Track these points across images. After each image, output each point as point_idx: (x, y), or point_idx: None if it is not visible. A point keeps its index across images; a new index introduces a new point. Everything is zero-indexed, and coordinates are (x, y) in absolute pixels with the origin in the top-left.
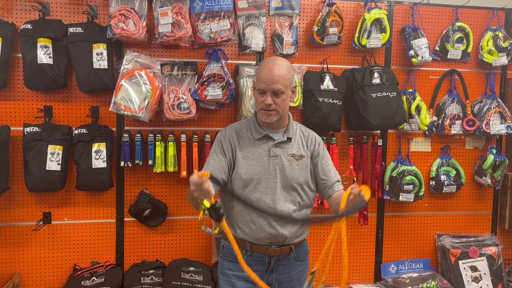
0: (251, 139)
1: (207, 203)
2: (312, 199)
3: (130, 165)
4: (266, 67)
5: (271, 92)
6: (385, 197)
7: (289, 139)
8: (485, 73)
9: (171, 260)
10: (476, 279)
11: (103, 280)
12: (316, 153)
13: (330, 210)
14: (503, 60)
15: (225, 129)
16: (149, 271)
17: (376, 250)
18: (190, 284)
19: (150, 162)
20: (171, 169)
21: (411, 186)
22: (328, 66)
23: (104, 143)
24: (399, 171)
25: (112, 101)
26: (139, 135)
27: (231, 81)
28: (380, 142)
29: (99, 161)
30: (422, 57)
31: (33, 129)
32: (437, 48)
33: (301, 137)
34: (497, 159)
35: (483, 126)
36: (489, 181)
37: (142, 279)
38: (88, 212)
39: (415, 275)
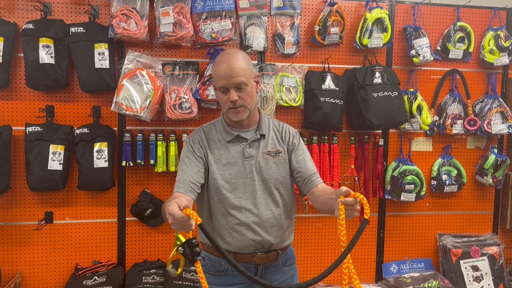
0: (222, 142)
1: (182, 238)
2: (294, 195)
3: (131, 164)
4: (222, 62)
5: (233, 87)
6: (386, 197)
7: (263, 136)
8: (486, 72)
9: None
10: (478, 279)
11: (104, 279)
12: (292, 146)
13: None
14: (505, 59)
15: (192, 133)
16: (151, 271)
17: (377, 250)
18: (192, 284)
19: (152, 161)
20: (172, 168)
21: (412, 186)
22: (330, 65)
23: (106, 143)
24: (401, 170)
25: (114, 100)
26: (140, 134)
27: None
28: (381, 142)
29: (100, 160)
30: (424, 56)
31: (35, 128)
32: (439, 48)
33: (275, 132)
34: (499, 158)
35: (485, 125)
36: (490, 180)
37: (143, 278)
38: (90, 212)
39: (416, 274)
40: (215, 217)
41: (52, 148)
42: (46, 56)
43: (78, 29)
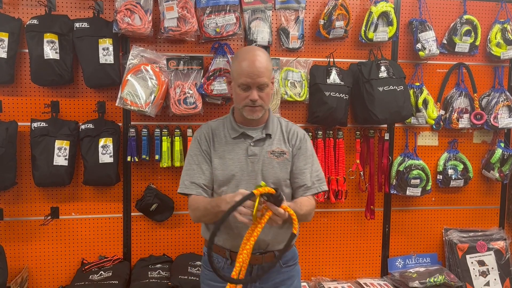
0: (228, 138)
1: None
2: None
3: (136, 160)
4: (247, 59)
5: (256, 86)
6: (392, 192)
7: (269, 135)
8: (493, 66)
9: (178, 254)
10: (484, 274)
11: (110, 274)
12: (296, 148)
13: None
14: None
15: (201, 128)
16: (156, 265)
17: (383, 245)
18: (197, 279)
19: (157, 157)
20: (177, 163)
21: (418, 180)
22: (335, 60)
23: (111, 138)
24: (406, 165)
25: (119, 96)
26: (145, 130)
27: None
28: (387, 136)
29: (106, 156)
30: (430, 50)
31: (40, 124)
32: (445, 41)
33: (282, 132)
34: (505, 153)
35: (491, 119)
36: (497, 175)
37: (149, 273)
38: (96, 207)
39: (422, 269)
40: None
41: (58, 143)
42: (50, 51)
43: (82, 24)
